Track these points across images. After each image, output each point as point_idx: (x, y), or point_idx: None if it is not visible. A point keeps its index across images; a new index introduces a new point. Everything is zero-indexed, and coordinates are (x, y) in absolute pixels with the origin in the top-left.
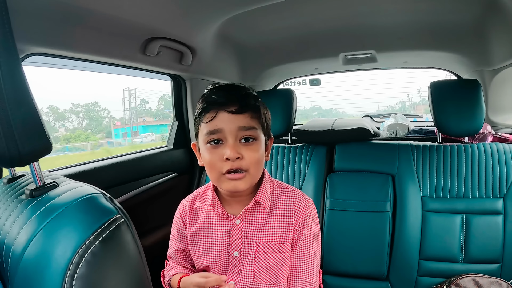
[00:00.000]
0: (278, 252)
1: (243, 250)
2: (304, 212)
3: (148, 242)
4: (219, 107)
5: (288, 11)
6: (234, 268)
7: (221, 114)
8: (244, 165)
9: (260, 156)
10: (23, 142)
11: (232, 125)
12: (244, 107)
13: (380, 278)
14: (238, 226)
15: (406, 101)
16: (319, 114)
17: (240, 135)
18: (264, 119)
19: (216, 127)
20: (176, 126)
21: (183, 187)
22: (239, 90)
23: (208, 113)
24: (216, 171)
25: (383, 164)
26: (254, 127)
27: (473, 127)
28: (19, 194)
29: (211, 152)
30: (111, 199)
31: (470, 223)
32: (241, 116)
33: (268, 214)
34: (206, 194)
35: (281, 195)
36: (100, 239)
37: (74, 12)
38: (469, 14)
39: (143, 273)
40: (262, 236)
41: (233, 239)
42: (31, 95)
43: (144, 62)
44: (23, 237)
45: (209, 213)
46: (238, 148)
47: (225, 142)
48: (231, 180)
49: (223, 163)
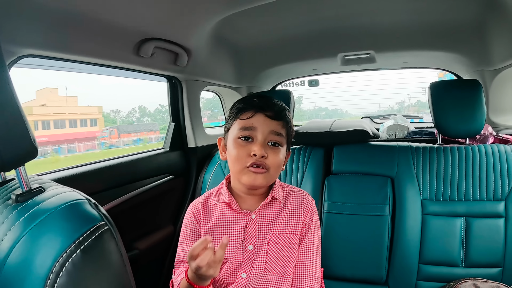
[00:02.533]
0: (289, 243)
1: (257, 243)
2: (312, 209)
3: (144, 244)
4: (258, 109)
5: (285, 10)
6: (248, 261)
7: (258, 115)
8: (267, 164)
9: (281, 161)
10: (6, 147)
11: (265, 127)
12: (279, 115)
13: (379, 282)
14: (253, 221)
15: (405, 102)
16: (326, 114)
17: (270, 138)
18: (291, 132)
19: (252, 125)
20: (172, 128)
21: (180, 189)
22: (277, 101)
23: (247, 112)
24: (240, 164)
25: (382, 166)
26: (282, 135)
27: (473, 128)
28: (7, 199)
29: (240, 146)
30: (96, 206)
31: (471, 226)
32: (274, 122)
33: (281, 209)
34: (220, 193)
35: (291, 194)
36: (81, 247)
37: (67, 13)
38: (469, 13)
39: (127, 283)
40: (274, 229)
41: (248, 233)
42: (17, 100)
43: (138, 64)
44: (6, 243)
45: (224, 209)
46: (265, 148)
47: (255, 140)
48: (252, 173)
49: (249, 157)
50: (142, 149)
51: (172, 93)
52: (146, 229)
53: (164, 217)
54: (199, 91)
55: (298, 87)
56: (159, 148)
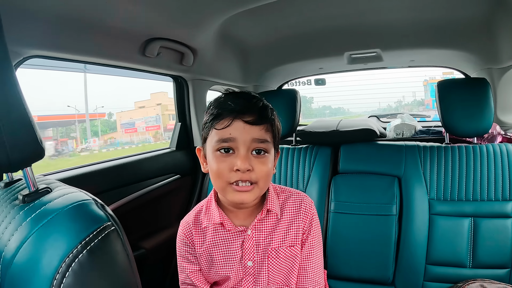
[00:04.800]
0: (290, 255)
1: (256, 259)
2: (311, 213)
3: (150, 244)
4: (235, 114)
5: (291, 9)
6: (249, 277)
7: (237, 122)
8: (254, 178)
9: (269, 169)
10: (13, 148)
11: (246, 135)
12: (261, 119)
13: (386, 283)
14: (249, 237)
15: (403, 100)
16: (330, 112)
17: (253, 146)
18: (277, 133)
19: (230, 136)
20: (179, 127)
21: (186, 189)
22: (258, 101)
23: (223, 120)
24: (223, 180)
25: (389, 165)
26: (267, 140)
27: (481, 127)
28: (14, 199)
29: (220, 160)
30: (103, 206)
31: (478, 226)
32: (256, 128)
33: (277, 220)
34: (210, 211)
35: (288, 199)
36: (88, 248)
37: (72, 14)
38: (477, 10)
39: (133, 284)
40: (273, 242)
41: (245, 249)
42: (23, 100)
43: (144, 63)
44: (13, 243)
45: (217, 229)
46: (249, 160)
47: (236, 152)
48: (237, 192)
49: (232, 173)
50: None
51: (178, 93)
52: (152, 228)
53: (170, 217)
54: (205, 90)
55: (304, 86)
56: (165, 147)
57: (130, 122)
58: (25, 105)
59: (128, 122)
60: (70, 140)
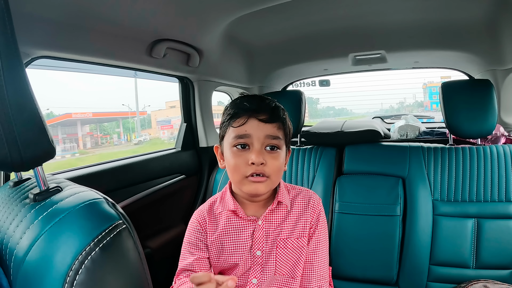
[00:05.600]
0: (297, 246)
1: (265, 249)
2: (319, 208)
3: (156, 243)
4: (250, 113)
5: (296, 11)
6: (257, 266)
7: (252, 120)
8: (267, 171)
9: (281, 164)
10: (25, 147)
11: (260, 132)
12: (274, 117)
13: (390, 283)
14: (260, 227)
15: (405, 101)
16: (334, 113)
17: (266, 142)
18: (288, 131)
19: (245, 132)
20: (184, 128)
21: (192, 189)
22: (270, 101)
23: (239, 118)
24: (239, 174)
25: (393, 166)
26: (279, 137)
27: (485, 129)
28: (24, 198)
29: (237, 155)
30: (114, 205)
31: (482, 227)
32: (269, 125)
33: (287, 212)
34: (225, 200)
35: (297, 196)
36: (100, 245)
37: (80, 15)
38: (481, 12)
39: (144, 281)
40: (281, 233)
41: (256, 239)
42: (34, 100)
43: (151, 64)
44: (25, 241)
45: (230, 217)
46: (263, 154)
47: (251, 147)
48: (253, 183)
49: (247, 167)
50: None
51: (184, 94)
52: (157, 228)
53: (175, 217)
54: (211, 91)
55: (309, 87)
56: (171, 148)
57: (166, 119)
58: (37, 104)
59: (164, 119)
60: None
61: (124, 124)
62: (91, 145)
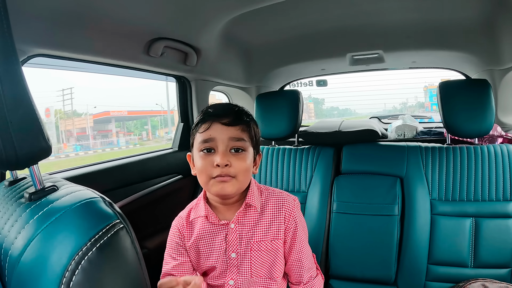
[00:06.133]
0: (271, 249)
1: (240, 251)
2: (294, 211)
3: (153, 244)
4: (214, 118)
5: (294, 10)
6: (233, 268)
7: (215, 125)
8: (232, 172)
9: (247, 165)
10: (21, 145)
11: (223, 135)
12: (236, 120)
13: (388, 283)
14: (232, 230)
15: (407, 102)
16: (338, 113)
17: (231, 145)
18: (254, 134)
19: (210, 136)
20: (181, 127)
21: (189, 189)
22: (234, 106)
23: (204, 124)
24: (206, 176)
25: (391, 166)
26: (244, 139)
27: (483, 128)
28: (19, 197)
29: (203, 159)
30: (111, 204)
31: (480, 226)
32: (232, 128)
33: (259, 215)
34: (198, 206)
35: (270, 197)
36: (97, 245)
37: (77, 13)
38: (479, 12)
39: (142, 281)
40: (255, 236)
41: (229, 242)
42: (31, 97)
43: (148, 63)
44: (20, 241)
45: (203, 223)
46: (228, 156)
47: (216, 150)
48: (219, 183)
49: (213, 169)
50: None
51: (181, 93)
52: (155, 228)
53: (172, 217)
54: (208, 91)
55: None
56: (168, 148)
57: None
58: (33, 102)
59: None
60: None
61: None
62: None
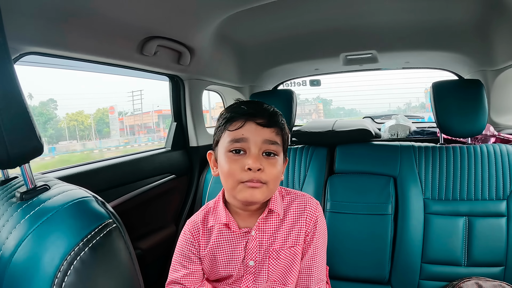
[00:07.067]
0: (289, 256)
1: (258, 259)
2: (316, 215)
3: (146, 244)
4: (248, 117)
5: (288, 10)
6: (250, 275)
7: (249, 124)
8: (264, 178)
9: (278, 172)
10: (13, 143)
11: (258, 136)
12: (272, 122)
13: (382, 282)
14: (253, 237)
15: (412, 103)
16: (344, 113)
17: (264, 148)
18: (286, 138)
19: (242, 136)
20: (174, 127)
21: (182, 189)
22: (268, 106)
23: (236, 122)
24: (234, 180)
25: (384, 165)
26: (277, 143)
27: (475, 128)
28: (11, 197)
29: (232, 160)
30: (103, 203)
31: (473, 225)
32: (267, 130)
33: (281, 221)
34: (217, 211)
35: (292, 202)
36: (90, 245)
37: (69, 11)
38: (472, 13)
39: (136, 282)
40: (275, 243)
41: (248, 250)
42: (23, 96)
43: (141, 62)
44: (11, 241)
45: (222, 230)
46: (260, 160)
47: (247, 152)
48: (249, 188)
49: (243, 172)
50: None
51: (174, 92)
52: (148, 228)
53: (166, 217)
54: (201, 90)
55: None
56: (161, 147)
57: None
58: (24, 100)
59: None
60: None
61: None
62: None
